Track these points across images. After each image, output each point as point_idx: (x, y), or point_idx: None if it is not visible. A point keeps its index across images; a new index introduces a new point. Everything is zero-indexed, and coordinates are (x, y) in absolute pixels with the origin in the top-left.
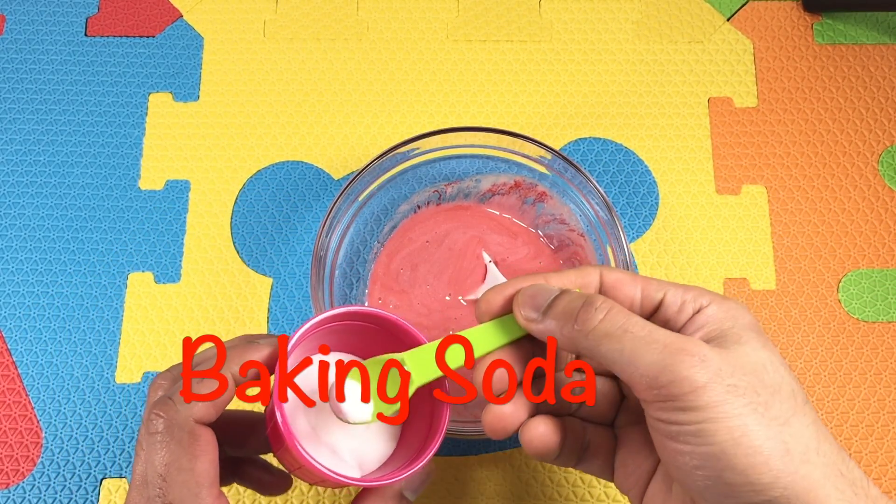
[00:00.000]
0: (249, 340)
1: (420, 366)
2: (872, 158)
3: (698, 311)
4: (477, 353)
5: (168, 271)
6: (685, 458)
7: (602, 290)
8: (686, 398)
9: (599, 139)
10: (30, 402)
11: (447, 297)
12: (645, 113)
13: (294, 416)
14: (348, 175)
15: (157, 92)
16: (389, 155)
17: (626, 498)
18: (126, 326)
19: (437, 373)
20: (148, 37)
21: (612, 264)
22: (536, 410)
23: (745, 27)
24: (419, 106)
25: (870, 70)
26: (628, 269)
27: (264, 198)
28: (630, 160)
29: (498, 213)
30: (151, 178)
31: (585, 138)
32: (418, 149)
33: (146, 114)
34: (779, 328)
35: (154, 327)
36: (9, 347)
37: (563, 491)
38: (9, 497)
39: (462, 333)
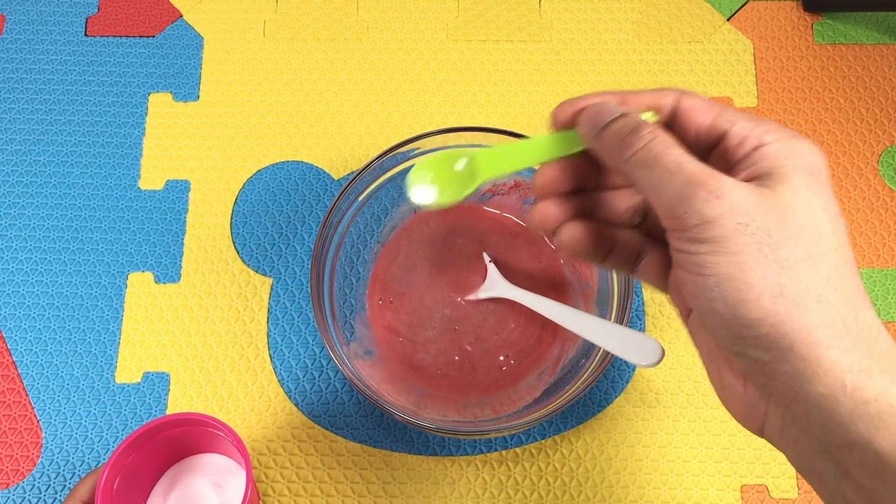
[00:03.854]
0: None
1: (488, 162)
2: (872, 158)
3: (758, 147)
4: (542, 159)
5: (168, 271)
6: (688, 287)
7: (675, 115)
8: (694, 230)
9: None
10: (30, 402)
11: (447, 297)
12: None
13: None
14: (348, 175)
15: (157, 92)
16: (389, 155)
17: (623, 497)
18: (126, 326)
19: (502, 171)
20: (148, 37)
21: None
22: (586, 217)
23: (745, 27)
24: (419, 106)
25: (870, 70)
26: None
27: (264, 198)
28: None
29: (498, 212)
30: (151, 178)
31: None
32: (418, 149)
33: (146, 114)
34: None
35: (154, 327)
36: (9, 347)
37: (563, 491)
38: (9, 497)
39: (531, 139)
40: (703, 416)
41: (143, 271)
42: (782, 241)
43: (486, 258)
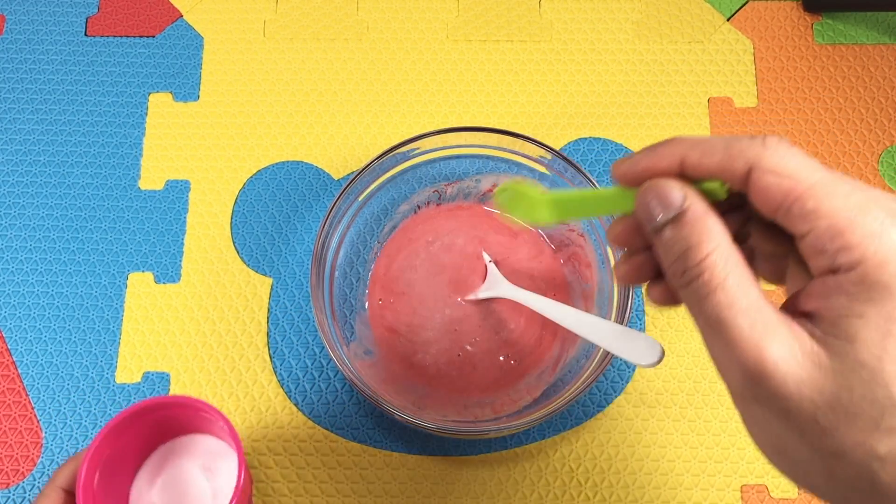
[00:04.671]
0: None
1: (558, 206)
2: (872, 158)
3: (838, 270)
4: (611, 213)
5: (168, 271)
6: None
7: (745, 183)
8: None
9: (599, 139)
10: (30, 402)
11: (447, 298)
12: (645, 113)
13: None
14: (348, 175)
15: (157, 92)
16: (389, 155)
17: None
18: (126, 326)
19: (568, 218)
20: (148, 37)
21: (612, 265)
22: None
23: (745, 27)
24: (419, 106)
25: (870, 70)
26: None
27: (264, 198)
28: None
29: (498, 212)
30: (151, 178)
31: (585, 138)
32: (418, 149)
33: (146, 114)
34: None
35: (154, 327)
36: (9, 347)
37: (563, 491)
38: (9, 497)
39: (602, 191)
40: (703, 416)
41: (143, 271)
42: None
43: (486, 258)
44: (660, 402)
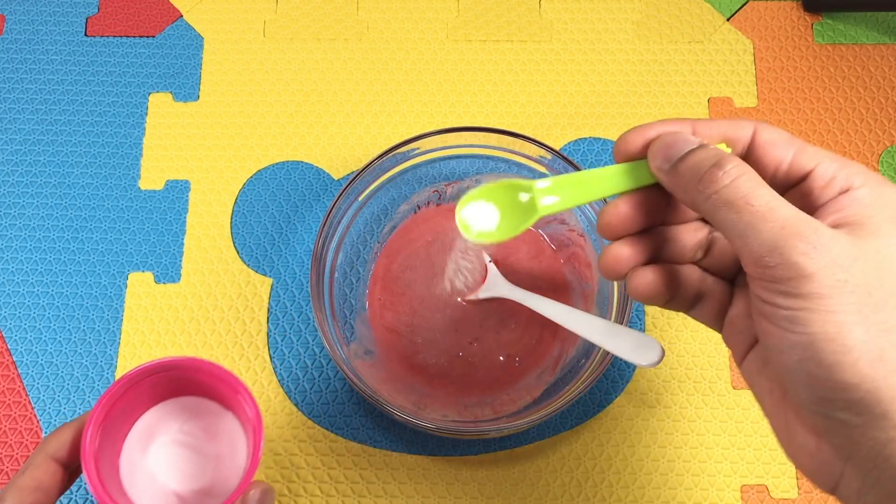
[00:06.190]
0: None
1: (550, 195)
2: (872, 158)
3: (846, 191)
4: (607, 193)
5: (168, 271)
6: (775, 340)
7: (751, 148)
8: (789, 283)
9: (599, 139)
10: (30, 402)
11: (447, 298)
12: (645, 113)
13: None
14: (348, 175)
15: (157, 92)
16: (389, 155)
17: (628, 492)
18: (126, 326)
19: (564, 207)
20: (148, 37)
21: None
22: (653, 257)
23: (745, 27)
24: (419, 106)
25: (870, 70)
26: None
27: (264, 198)
28: None
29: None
30: (151, 178)
31: (585, 138)
32: (418, 149)
33: (146, 114)
34: None
35: (154, 327)
36: (9, 347)
37: (563, 491)
38: None
39: (595, 171)
40: (703, 416)
41: (143, 271)
42: (882, 301)
43: (486, 258)
44: (660, 402)
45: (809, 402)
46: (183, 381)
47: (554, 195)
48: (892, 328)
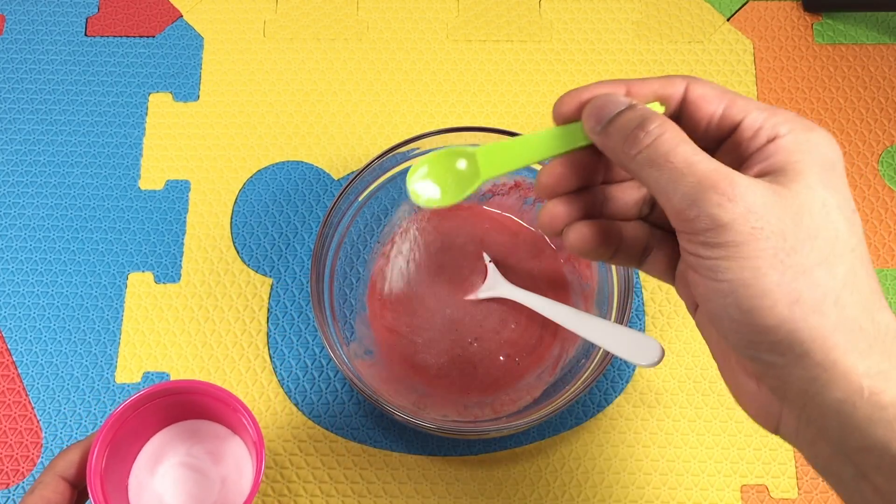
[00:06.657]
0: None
1: (490, 160)
2: (872, 158)
3: (772, 140)
4: (544, 155)
5: (168, 271)
6: (702, 289)
7: (684, 104)
8: (707, 234)
9: None
10: (30, 402)
11: (447, 298)
12: None
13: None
14: (348, 175)
15: (157, 92)
16: (389, 155)
17: (630, 490)
18: (126, 326)
19: (504, 170)
20: (148, 37)
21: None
22: (595, 214)
23: (745, 27)
24: (419, 106)
25: (870, 70)
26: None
27: (264, 198)
28: None
29: (498, 212)
30: (151, 178)
31: None
32: (418, 149)
33: (146, 114)
34: None
35: (154, 327)
36: (9, 347)
37: (563, 491)
38: (9, 497)
39: (532, 135)
40: (703, 416)
41: (143, 271)
42: (798, 244)
43: (486, 258)
44: (660, 402)
45: (739, 346)
46: (189, 405)
47: (494, 159)
48: (808, 269)
